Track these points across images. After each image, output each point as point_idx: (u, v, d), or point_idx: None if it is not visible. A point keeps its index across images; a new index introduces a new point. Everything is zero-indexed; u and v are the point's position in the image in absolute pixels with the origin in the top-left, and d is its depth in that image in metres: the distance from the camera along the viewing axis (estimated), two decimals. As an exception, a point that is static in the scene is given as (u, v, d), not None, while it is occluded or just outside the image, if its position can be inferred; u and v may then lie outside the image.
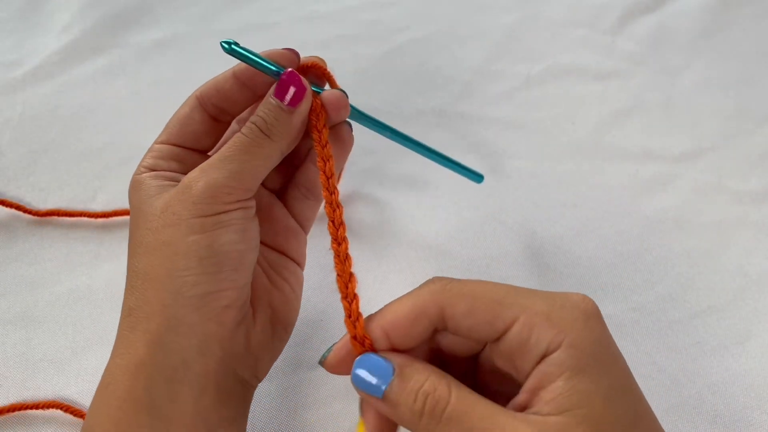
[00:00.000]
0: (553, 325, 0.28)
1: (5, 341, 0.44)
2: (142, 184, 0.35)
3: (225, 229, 0.32)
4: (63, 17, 0.59)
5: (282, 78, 0.34)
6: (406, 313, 0.30)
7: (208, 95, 0.37)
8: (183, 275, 0.31)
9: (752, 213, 0.51)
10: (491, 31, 0.61)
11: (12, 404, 0.41)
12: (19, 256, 0.47)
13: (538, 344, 0.28)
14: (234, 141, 0.33)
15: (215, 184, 0.32)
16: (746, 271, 0.48)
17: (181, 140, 0.37)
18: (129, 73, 0.57)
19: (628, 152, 0.55)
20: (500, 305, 0.28)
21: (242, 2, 0.62)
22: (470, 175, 0.44)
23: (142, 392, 0.31)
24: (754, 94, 0.58)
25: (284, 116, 0.34)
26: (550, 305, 0.28)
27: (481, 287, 0.29)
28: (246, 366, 0.34)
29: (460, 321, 0.29)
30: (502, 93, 0.58)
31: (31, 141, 0.52)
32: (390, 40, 0.60)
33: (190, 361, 0.31)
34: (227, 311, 0.32)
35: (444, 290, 0.29)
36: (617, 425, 0.27)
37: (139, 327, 0.32)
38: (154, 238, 0.32)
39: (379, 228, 0.50)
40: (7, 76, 0.55)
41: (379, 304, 0.46)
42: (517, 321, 0.28)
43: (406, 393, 0.28)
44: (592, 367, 0.27)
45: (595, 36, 0.61)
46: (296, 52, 0.36)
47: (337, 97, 0.35)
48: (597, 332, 0.28)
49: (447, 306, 0.29)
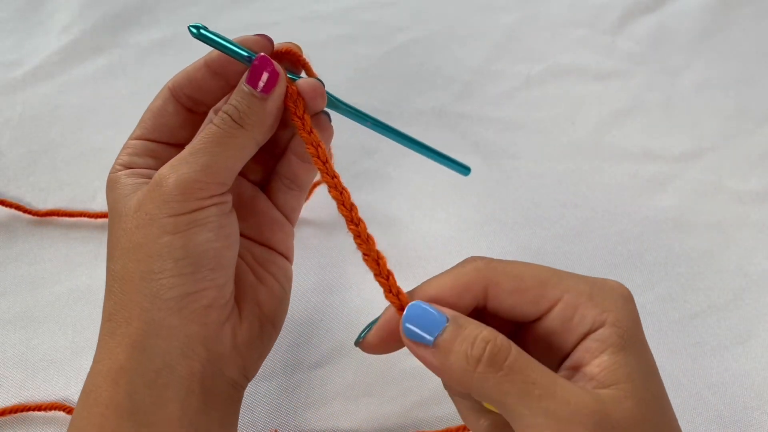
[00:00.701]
0: (597, 305, 0.28)
1: (5, 341, 0.44)
2: (117, 183, 0.34)
3: (199, 228, 0.31)
4: (63, 17, 0.59)
5: (254, 64, 0.32)
6: (450, 287, 0.29)
7: (180, 86, 0.35)
8: (159, 278, 0.30)
9: (752, 213, 0.51)
10: (491, 31, 0.61)
11: (14, 405, 0.41)
12: (19, 256, 0.47)
13: (582, 322, 0.28)
14: (205, 132, 0.32)
15: (186, 179, 0.30)
16: (746, 271, 0.48)
17: (155, 135, 0.35)
18: (129, 73, 0.57)
19: (628, 152, 0.55)
20: (545, 285, 0.29)
21: (242, 2, 0.62)
22: (456, 167, 0.43)
23: (124, 398, 0.30)
24: (754, 94, 0.58)
25: (257, 103, 0.32)
26: (591, 286, 0.29)
27: (525, 268, 0.30)
28: (233, 365, 0.33)
29: (504, 299, 0.29)
30: (502, 93, 0.58)
31: (31, 141, 0.52)
32: (390, 40, 0.60)
33: (173, 363, 0.30)
34: (209, 311, 0.31)
35: (489, 268, 0.29)
36: (654, 402, 0.28)
37: (118, 331, 0.31)
38: (128, 239, 0.31)
39: (379, 228, 0.50)
40: (7, 76, 0.55)
41: (379, 305, 0.46)
42: (561, 300, 0.29)
43: (461, 338, 0.27)
44: (632, 345, 0.28)
45: (595, 36, 0.61)
46: (269, 38, 0.34)
47: (313, 86, 0.33)
48: (635, 314, 0.29)
49: (492, 284, 0.29)
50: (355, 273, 0.47)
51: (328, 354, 0.44)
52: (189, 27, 0.32)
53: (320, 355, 0.44)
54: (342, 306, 0.46)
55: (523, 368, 0.27)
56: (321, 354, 0.44)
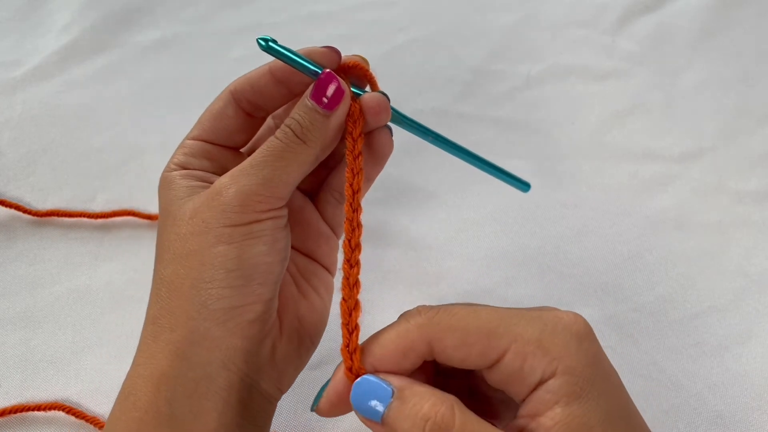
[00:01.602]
0: (546, 353, 0.27)
1: (5, 341, 0.44)
2: (172, 183, 0.33)
3: (255, 240, 0.31)
4: (63, 17, 0.59)
5: (320, 78, 0.32)
6: (393, 349, 0.29)
7: (242, 90, 0.35)
8: (208, 287, 0.30)
9: (753, 213, 0.51)
10: (491, 31, 0.61)
11: (14, 405, 0.41)
12: (19, 256, 0.47)
13: (532, 373, 0.27)
14: (267, 145, 0.32)
15: (247, 191, 0.31)
16: (747, 271, 0.48)
17: (213, 136, 0.35)
18: (129, 73, 0.57)
19: (628, 152, 0.55)
20: (490, 336, 0.28)
21: (242, 2, 0.62)
22: (516, 183, 0.41)
23: (163, 405, 0.30)
24: (754, 94, 0.58)
25: (320, 120, 0.32)
26: (541, 330, 0.28)
27: (471, 317, 0.28)
28: (270, 379, 0.33)
29: (450, 354, 0.28)
30: (502, 93, 0.58)
31: (31, 141, 0.52)
32: (390, 40, 0.60)
33: (213, 375, 0.30)
34: (253, 325, 0.31)
35: (431, 324, 0.28)
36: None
37: (161, 337, 0.31)
38: (182, 245, 0.31)
39: (380, 228, 0.50)
40: (6, 76, 0.55)
41: (379, 305, 0.46)
42: (509, 351, 0.28)
43: (404, 416, 0.27)
44: (588, 392, 0.27)
45: (595, 36, 0.61)
46: (337, 51, 0.34)
47: (378, 101, 0.33)
48: (591, 355, 0.28)
49: (436, 340, 0.28)
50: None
51: (328, 354, 0.44)
52: (257, 40, 0.32)
53: (320, 355, 0.44)
54: (342, 306, 0.46)
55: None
56: (321, 354, 0.44)
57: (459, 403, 0.27)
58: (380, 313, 0.46)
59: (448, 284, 0.47)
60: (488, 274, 0.48)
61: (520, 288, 0.47)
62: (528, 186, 0.42)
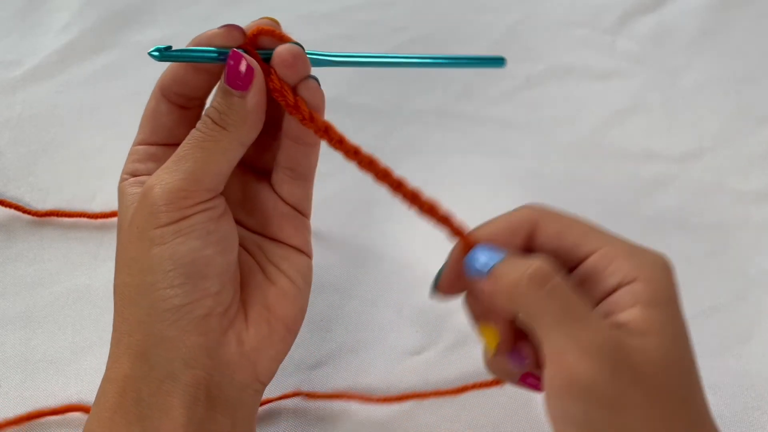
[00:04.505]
0: (633, 261, 0.29)
1: (4, 341, 0.44)
2: (122, 193, 0.34)
3: (184, 237, 0.30)
4: (62, 17, 0.59)
5: (228, 63, 0.31)
6: (504, 226, 0.32)
7: (167, 86, 0.34)
8: (152, 290, 0.30)
9: (753, 213, 0.51)
10: (491, 31, 0.61)
11: (30, 413, 0.41)
12: (19, 256, 0.47)
13: (614, 274, 0.29)
14: (188, 138, 0.31)
15: (170, 189, 0.30)
16: (747, 272, 0.48)
17: (154, 137, 0.35)
18: (129, 73, 0.57)
19: (628, 152, 0.55)
20: (587, 235, 0.31)
21: (242, 2, 0.62)
22: (489, 62, 0.40)
23: (131, 404, 0.30)
24: (754, 94, 0.58)
25: (237, 102, 0.31)
26: (631, 247, 0.30)
27: (574, 218, 0.32)
28: (243, 371, 0.32)
29: (549, 240, 0.31)
30: (502, 93, 0.58)
31: (31, 141, 0.52)
32: (390, 40, 0.60)
33: (176, 373, 0.30)
34: (207, 320, 0.31)
35: (539, 212, 0.32)
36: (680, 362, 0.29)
37: (122, 342, 0.31)
38: (125, 254, 0.31)
39: (380, 228, 0.50)
40: (6, 76, 0.55)
41: (379, 305, 0.46)
42: (599, 251, 0.30)
43: (514, 264, 0.30)
44: (664, 305, 0.29)
45: (595, 36, 0.61)
46: (237, 27, 0.33)
47: (291, 51, 0.31)
48: (671, 280, 0.30)
49: (541, 224, 0.31)
50: (356, 274, 0.47)
51: (329, 354, 0.44)
52: (150, 53, 0.31)
53: (320, 355, 0.44)
54: (342, 307, 0.46)
55: (562, 294, 0.28)
56: (321, 354, 0.44)
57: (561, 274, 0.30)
58: (380, 313, 0.46)
59: (448, 284, 0.47)
60: (488, 274, 0.48)
61: (520, 288, 0.47)
62: (502, 60, 0.40)
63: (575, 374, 0.27)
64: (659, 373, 0.28)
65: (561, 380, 0.28)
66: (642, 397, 0.27)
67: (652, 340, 0.28)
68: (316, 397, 0.42)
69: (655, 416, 0.27)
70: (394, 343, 0.45)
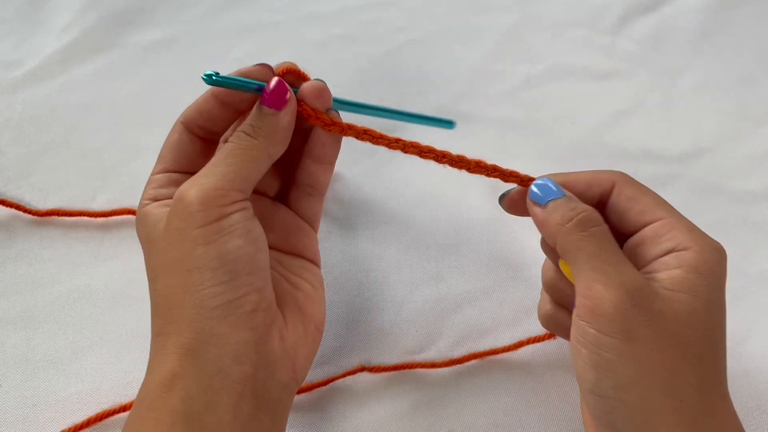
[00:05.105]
0: (691, 235, 0.32)
1: (5, 341, 0.44)
2: (147, 215, 0.35)
3: (229, 236, 0.32)
4: (63, 17, 0.59)
5: (268, 87, 0.35)
6: (585, 178, 0.36)
7: (192, 118, 0.38)
8: (200, 289, 0.31)
9: (752, 213, 0.51)
10: (491, 31, 0.61)
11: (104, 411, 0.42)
12: (19, 256, 0.47)
13: (670, 240, 0.32)
14: (222, 149, 0.34)
15: (207, 188, 0.32)
16: (746, 272, 0.48)
17: (176, 166, 0.38)
18: (129, 73, 0.57)
19: (628, 152, 0.55)
20: (657, 204, 0.34)
21: (242, 2, 0.62)
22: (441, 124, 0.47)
23: (178, 402, 0.30)
24: (754, 94, 0.58)
25: (271, 118, 0.35)
26: (695, 226, 0.33)
27: (649, 189, 0.35)
28: (284, 369, 0.34)
29: (620, 201, 0.34)
30: (502, 93, 0.58)
31: (31, 141, 0.52)
32: (390, 40, 0.60)
33: (226, 369, 0.31)
34: (255, 315, 0.32)
35: (622, 175, 0.35)
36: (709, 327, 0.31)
37: (169, 343, 0.32)
38: (165, 257, 0.33)
39: (380, 228, 0.50)
40: (7, 76, 0.55)
41: (379, 305, 0.46)
42: (662, 219, 0.33)
43: (566, 205, 0.33)
44: (707, 276, 0.31)
45: (595, 36, 0.61)
46: (268, 65, 0.37)
47: (316, 86, 0.36)
48: (722, 263, 0.32)
49: (618, 186, 0.35)
50: (356, 273, 0.47)
51: (329, 354, 0.44)
52: (202, 77, 0.35)
53: (320, 355, 0.44)
54: (342, 306, 0.46)
55: (602, 238, 0.32)
56: (321, 355, 0.44)
57: None
58: (380, 312, 0.46)
59: (448, 284, 0.47)
60: (488, 274, 0.48)
61: (520, 288, 0.47)
62: (452, 123, 0.48)
63: (597, 301, 0.30)
64: (681, 326, 0.30)
65: (584, 306, 0.31)
66: (654, 338, 0.30)
67: (681, 296, 0.30)
68: (380, 370, 0.43)
69: (664, 358, 0.29)
70: (393, 343, 0.45)
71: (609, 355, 0.30)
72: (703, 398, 0.30)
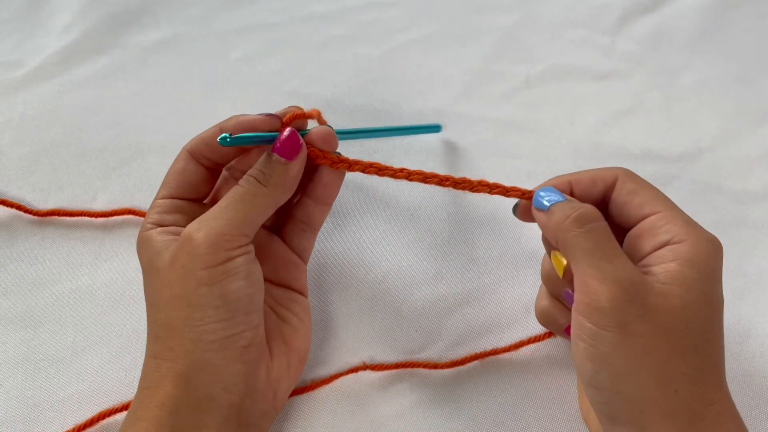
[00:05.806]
0: (687, 228, 0.33)
1: (6, 341, 0.44)
2: (149, 240, 0.37)
3: (232, 278, 0.34)
4: (64, 17, 0.59)
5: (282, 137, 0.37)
6: (589, 175, 0.37)
7: (198, 149, 0.39)
8: (200, 324, 0.34)
9: (752, 213, 0.52)
10: (491, 31, 0.61)
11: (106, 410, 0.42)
12: (20, 256, 0.47)
13: (666, 232, 0.33)
14: (231, 193, 0.36)
15: (215, 233, 0.34)
16: (745, 272, 0.49)
17: (180, 192, 0.39)
18: (129, 74, 0.57)
19: (627, 152, 0.55)
20: (656, 198, 0.35)
21: (242, 2, 0.62)
22: (428, 130, 0.49)
23: (167, 417, 0.33)
24: (754, 94, 0.58)
25: (281, 167, 0.36)
26: (692, 219, 0.34)
27: (649, 184, 0.36)
28: (266, 399, 0.36)
29: (621, 195, 0.36)
30: (502, 93, 0.58)
31: (32, 141, 0.52)
32: (390, 41, 0.60)
33: (215, 395, 0.34)
34: (248, 350, 0.35)
35: (624, 170, 0.36)
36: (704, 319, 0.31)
37: (164, 366, 0.34)
38: (168, 291, 0.34)
39: (380, 228, 0.50)
40: (7, 76, 0.55)
41: (379, 304, 0.46)
42: (659, 213, 0.34)
43: (567, 206, 0.34)
44: (701, 269, 0.32)
45: (594, 36, 0.61)
46: (276, 115, 0.39)
47: (325, 133, 0.38)
48: (717, 256, 0.33)
49: (620, 179, 0.36)
50: (355, 273, 0.47)
51: (330, 353, 0.44)
52: (219, 141, 0.37)
53: (322, 354, 0.44)
54: (341, 306, 0.46)
55: (599, 234, 0.33)
56: (323, 353, 0.44)
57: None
58: (379, 312, 0.46)
59: (447, 284, 0.47)
60: (488, 274, 0.48)
61: (520, 288, 0.47)
62: (439, 127, 0.51)
63: (594, 296, 0.31)
64: (674, 319, 0.30)
65: (581, 301, 0.32)
66: (648, 331, 0.30)
67: (675, 290, 0.31)
68: (382, 368, 0.44)
69: (658, 351, 0.30)
70: (394, 343, 0.45)
71: (605, 348, 0.31)
72: (698, 388, 0.31)
